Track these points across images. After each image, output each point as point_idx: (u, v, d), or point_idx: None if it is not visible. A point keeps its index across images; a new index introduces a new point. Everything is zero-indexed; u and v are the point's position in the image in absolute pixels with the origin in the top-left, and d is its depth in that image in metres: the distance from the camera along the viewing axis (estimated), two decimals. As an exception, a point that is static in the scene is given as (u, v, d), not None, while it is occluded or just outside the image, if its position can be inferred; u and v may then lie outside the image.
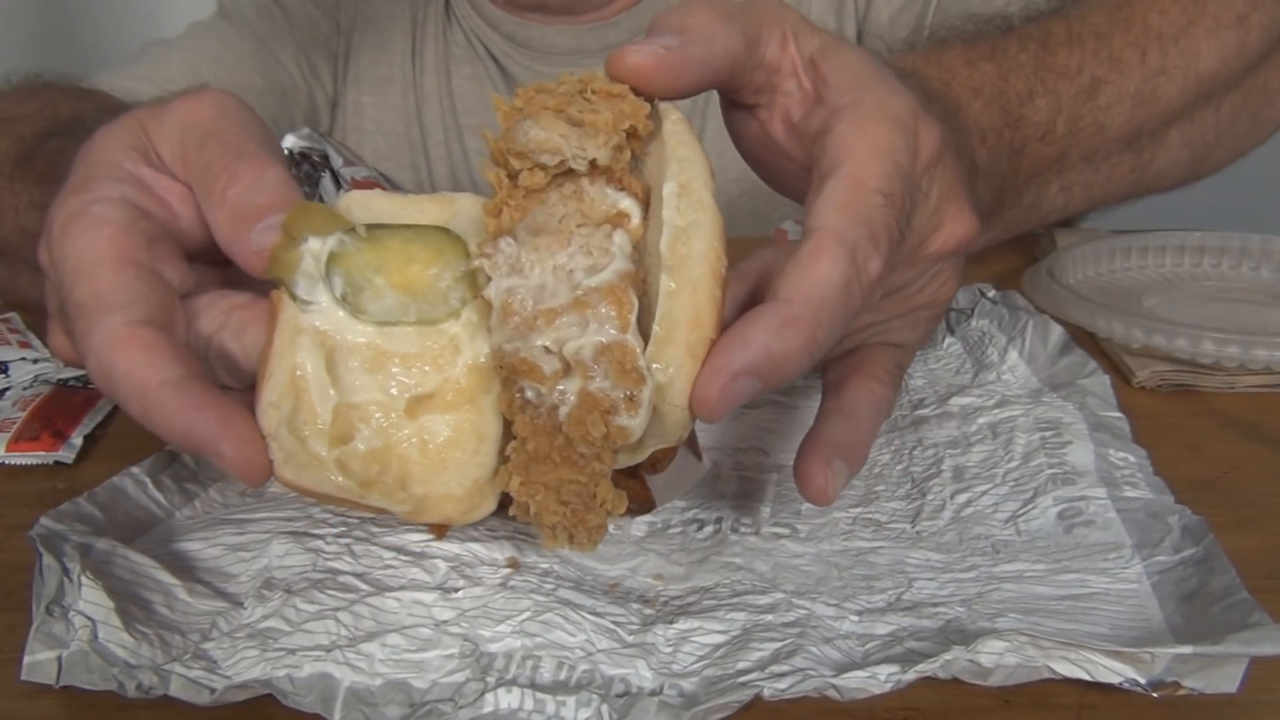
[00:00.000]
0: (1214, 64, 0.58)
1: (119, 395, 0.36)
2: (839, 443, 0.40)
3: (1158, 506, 0.45)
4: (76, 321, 0.37)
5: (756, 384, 0.34)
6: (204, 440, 0.35)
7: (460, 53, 0.92)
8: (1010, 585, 0.41)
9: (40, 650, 0.37)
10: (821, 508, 0.42)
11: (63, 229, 0.38)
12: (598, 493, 0.35)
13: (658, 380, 0.34)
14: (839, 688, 0.36)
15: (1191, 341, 0.59)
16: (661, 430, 0.35)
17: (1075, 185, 0.58)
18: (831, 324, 0.35)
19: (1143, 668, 0.36)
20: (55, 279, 0.39)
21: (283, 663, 0.38)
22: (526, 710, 0.36)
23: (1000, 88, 0.54)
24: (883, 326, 0.44)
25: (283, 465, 0.36)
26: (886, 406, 0.43)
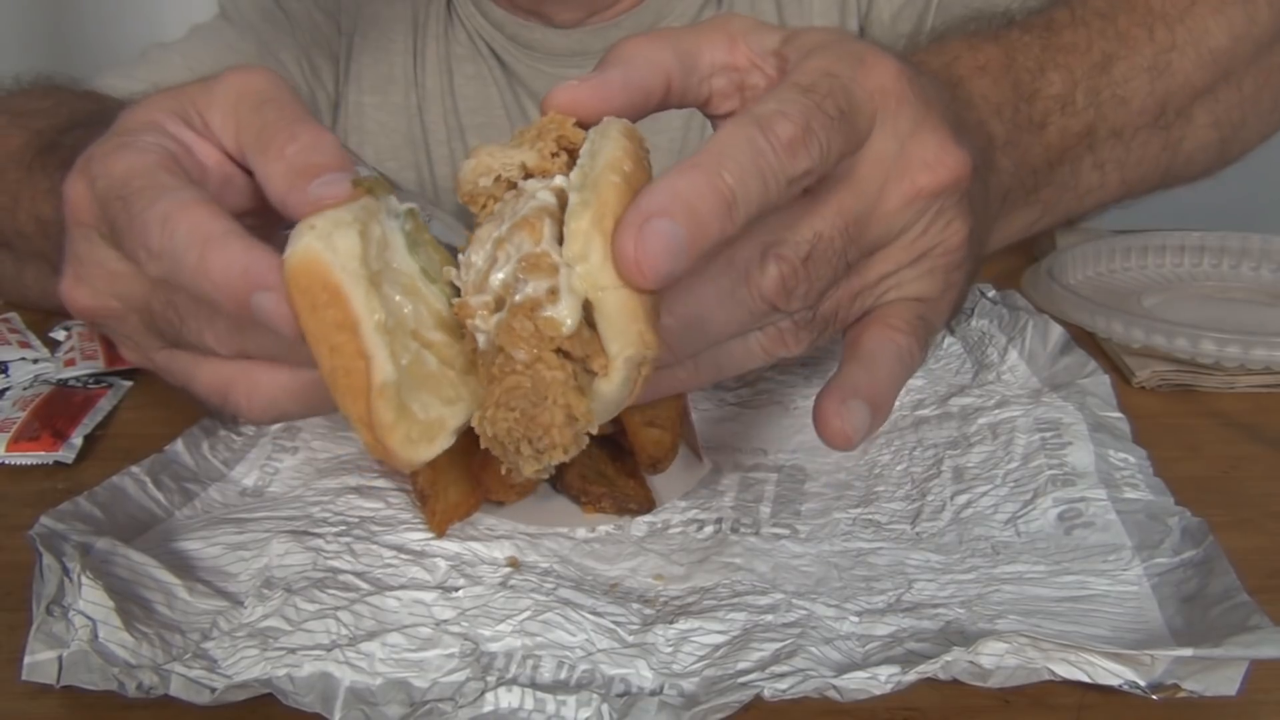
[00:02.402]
0: (1224, 40, 0.59)
1: (178, 251, 0.37)
2: (855, 385, 0.40)
3: (1158, 508, 0.45)
4: (136, 203, 0.38)
5: (677, 228, 0.33)
6: (260, 275, 0.35)
7: (463, 52, 0.92)
8: (1010, 587, 0.41)
9: (41, 650, 0.37)
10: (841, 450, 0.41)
11: (107, 154, 0.40)
12: (549, 393, 0.33)
13: (578, 269, 0.33)
14: (839, 688, 0.36)
15: (1191, 341, 0.59)
16: (614, 326, 0.34)
17: (1108, 162, 0.57)
18: (741, 173, 0.34)
19: (1142, 670, 0.36)
20: (91, 200, 0.40)
21: (283, 662, 0.38)
22: (526, 710, 0.36)
23: (1007, 65, 0.55)
24: (895, 279, 0.43)
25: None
26: (908, 355, 0.42)
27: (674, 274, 0.33)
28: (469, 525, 0.47)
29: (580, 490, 0.48)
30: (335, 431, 0.54)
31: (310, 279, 0.34)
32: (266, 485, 0.51)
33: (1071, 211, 0.58)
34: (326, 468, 0.51)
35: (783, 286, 0.38)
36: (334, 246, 0.34)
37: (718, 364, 0.41)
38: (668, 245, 0.33)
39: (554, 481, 0.49)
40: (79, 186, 0.41)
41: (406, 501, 0.48)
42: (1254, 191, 0.62)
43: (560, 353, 0.33)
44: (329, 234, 0.34)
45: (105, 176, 0.39)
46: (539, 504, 0.48)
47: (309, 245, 0.34)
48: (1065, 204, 0.56)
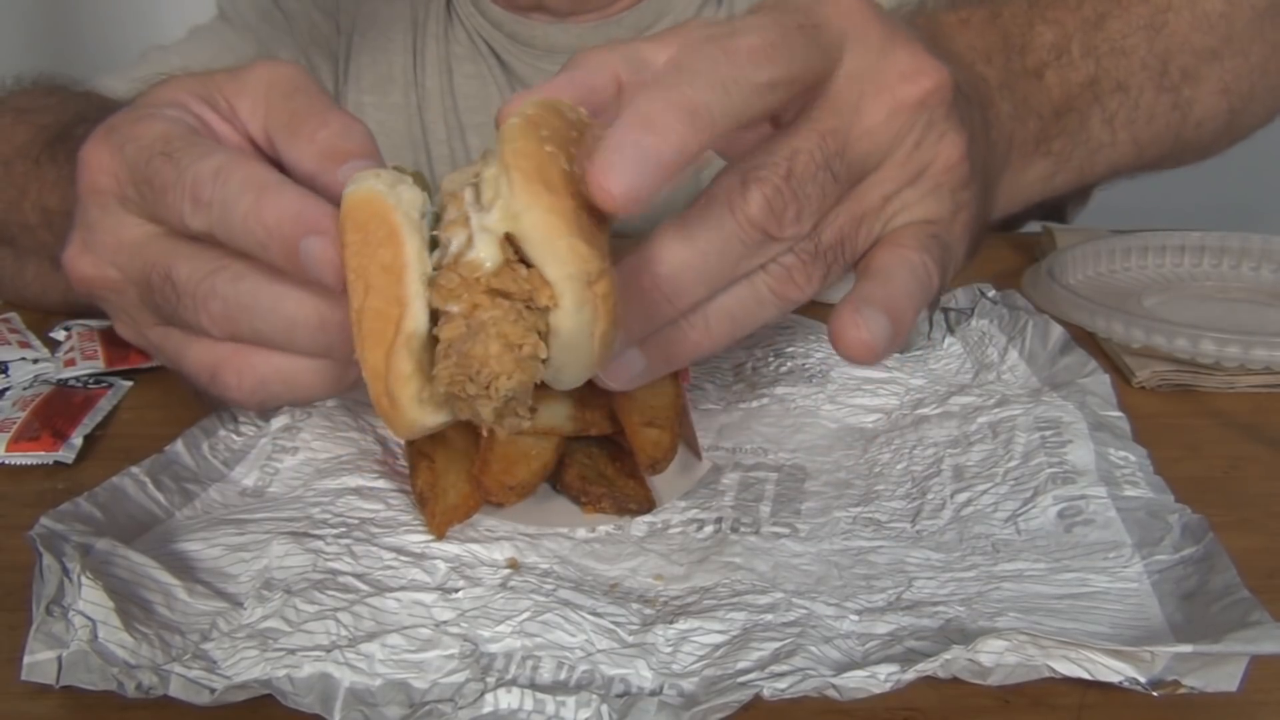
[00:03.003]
0: (1220, 4, 0.59)
1: (229, 197, 0.37)
2: (869, 296, 0.39)
3: (1158, 505, 0.45)
4: (183, 155, 0.39)
5: (642, 142, 0.33)
6: (314, 219, 0.36)
7: (462, 51, 0.92)
8: (1010, 584, 0.41)
9: (40, 650, 0.37)
10: (864, 363, 0.39)
11: (135, 121, 0.41)
12: (481, 330, 0.33)
13: (493, 210, 0.33)
14: (839, 687, 0.36)
15: (1191, 341, 0.59)
16: (540, 247, 0.33)
17: (1117, 117, 0.57)
18: (702, 82, 0.34)
19: (1143, 666, 0.36)
20: (118, 164, 0.40)
21: (283, 663, 0.38)
22: (526, 710, 0.36)
23: (992, 20, 0.55)
24: (899, 201, 0.42)
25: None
26: (922, 271, 0.40)
27: (643, 188, 0.33)
28: (469, 527, 0.47)
29: (580, 490, 0.48)
30: (335, 432, 0.54)
31: (370, 215, 0.34)
32: (267, 486, 0.51)
33: (1085, 169, 0.57)
34: (327, 468, 0.51)
35: (769, 208, 0.37)
36: (398, 194, 0.35)
37: (730, 317, 0.40)
38: (634, 160, 0.33)
39: (554, 482, 0.49)
40: (101, 152, 0.41)
41: (406, 503, 0.48)
42: (1254, 191, 0.62)
43: (496, 294, 0.33)
44: (393, 184, 0.35)
45: (135, 140, 0.40)
46: (539, 505, 0.48)
47: (373, 187, 0.35)
48: (1078, 159, 0.56)
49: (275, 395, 0.41)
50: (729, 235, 0.37)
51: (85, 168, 0.42)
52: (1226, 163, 0.72)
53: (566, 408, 0.49)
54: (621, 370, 0.40)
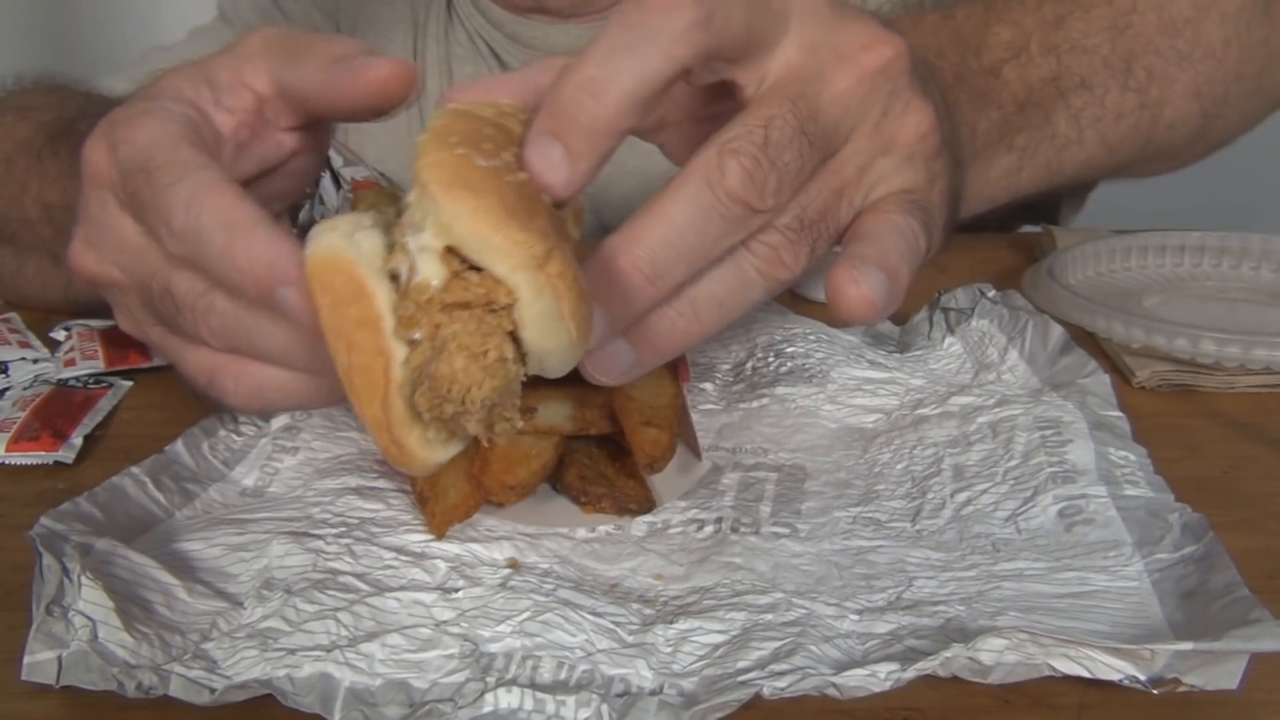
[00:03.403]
0: (1187, 9, 0.59)
1: (203, 233, 0.37)
2: (863, 255, 0.38)
3: (1158, 504, 0.45)
4: (162, 176, 0.38)
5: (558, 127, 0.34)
6: (286, 270, 0.36)
7: (463, 52, 0.92)
8: (1010, 583, 0.41)
9: (40, 650, 0.37)
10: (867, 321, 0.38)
11: (132, 118, 0.40)
12: (444, 347, 0.33)
13: (426, 230, 0.33)
14: (839, 686, 0.36)
15: (1191, 341, 0.59)
16: (479, 247, 0.33)
17: (1083, 115, 0.57)
18: (611, 53, 0.34)
19: (1143, 665, 0.36)
20: (111, 164, 0.40)
21: (283, 663, 0.38)
22: (526, 710, 0.36)
23: (945, 21, 0.56)
24: (875, 173, 0.41)
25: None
26: (909, 231, 0.40)
27: (576, 168, 0.34)
28: (469, 526, 0.47)
29: (580, 490, 0.48)
30: (335, 432, 0.54)
31: (333, 274, 0.33)
32: (267, 486, 0.51)
33: (1053, 166, 0.57)
34: (327, 468, 0.51)
35: (749, 180, 0.36)
36: (357, 245, 0.34)
37: (718, 302, 0.39)
38: (543, 153, 0.34)
39: (554, 482, 0.49)
40: (100, 149, 0.41)
41: (407, 503, 0.48)
42: (1254, 191, 0.62)
43: (454, 308, 0.33)
44: (351, 234, 0.34)
45: (128, 143, 0.40)
46: (539, 505, 0.48)
47: (332, 243, 0.34)
48: (1044, 154, 0.56)
49: (272, 402, 0.42)
50: (708, 210, 0.37)
51: (86, 163, 0.42)
52: (1226, 163, 0.72)
53: (566, 407, 0.49)
54: (611, 363, 0.39)
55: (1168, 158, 0.65)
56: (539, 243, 0.33)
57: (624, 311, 0.37)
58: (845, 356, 0.59)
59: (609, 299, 0.36)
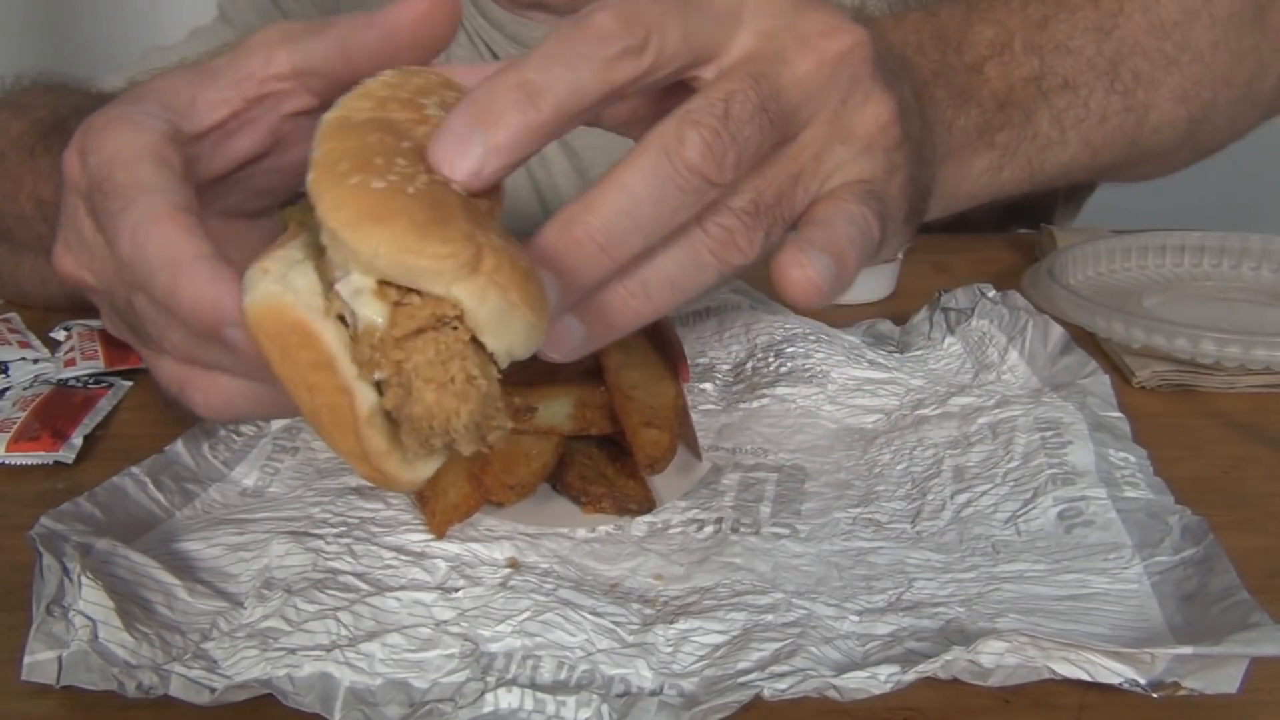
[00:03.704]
0: (1176, 13, 0.59)
1: (147, 268, 0.36)
2: (811, 239, 0.38)
3: (1158, 507, 0.45)
4: (113, 200, 0.38)
5: (470, 125, 0.33)
6: (230, 311, 0.35)
7: (462, 52, 0.92)
8: (1010, 585, 0.41)
9: (40, 650, 0.37)
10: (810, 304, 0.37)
11: (104, 126, 0.39)
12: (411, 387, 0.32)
13: (352, 274, 0.32)
14: (839, 688, 0.36)
15: (1191, 341, 0.59)
16: (402, 271, 0.32)
17: (1066, 115, 0.57)
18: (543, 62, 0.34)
19: (1143, 668, 0.36)
20: (84, 175, 0.40)
21: (283, 662, 0.38)
22: (526, 710, 0.36)
23: (927, 18, 0.55)
24: (833, 160, 0.41)
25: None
26: (862, 220, 0.39)
27: (483, 169, 0.33)
28: (469, 526, 0.47)
29: (580, 490, 0.48)
30: (335, 432, 0.54)
31: (276, 324, 0.33)
32: (267, 485, 0.51)
33: (1034, 165, 0.57)
34: (326, 468, 0.51)
35: (708, 150, 0.36)
36: (293, 287, 0.33)
37: (670, 283, 0.38)
38: (463, 144, 0.33)
39: (554, 482, 0.49)
40: (74, 156, 0.40)
41: (406, 503, 0.48)
42: (1254, 191, 0.62)
43: (408, 338, 0.32)
44: (284, 275, 0.33)
45: (95, 153, 0.39)
46: (539, 504, 0.48)
47: (267, 291, 0.33)
48: (1025, 154, 0.56)
49: (241, 413, 0.41)
50: (665, 181, 0.36)
51: (64, 168, 0.41)
52: (1226, 163, 0.72)
53: (567, 407, 0.49)
54: (561, 339, 0.37)
55: (1154, 162, 0.64)
56: (464, 248, 0.32)
57: (576, 281, 0.36)
58: (845, 357, 0.59)
59: (562, 269, 0.35)
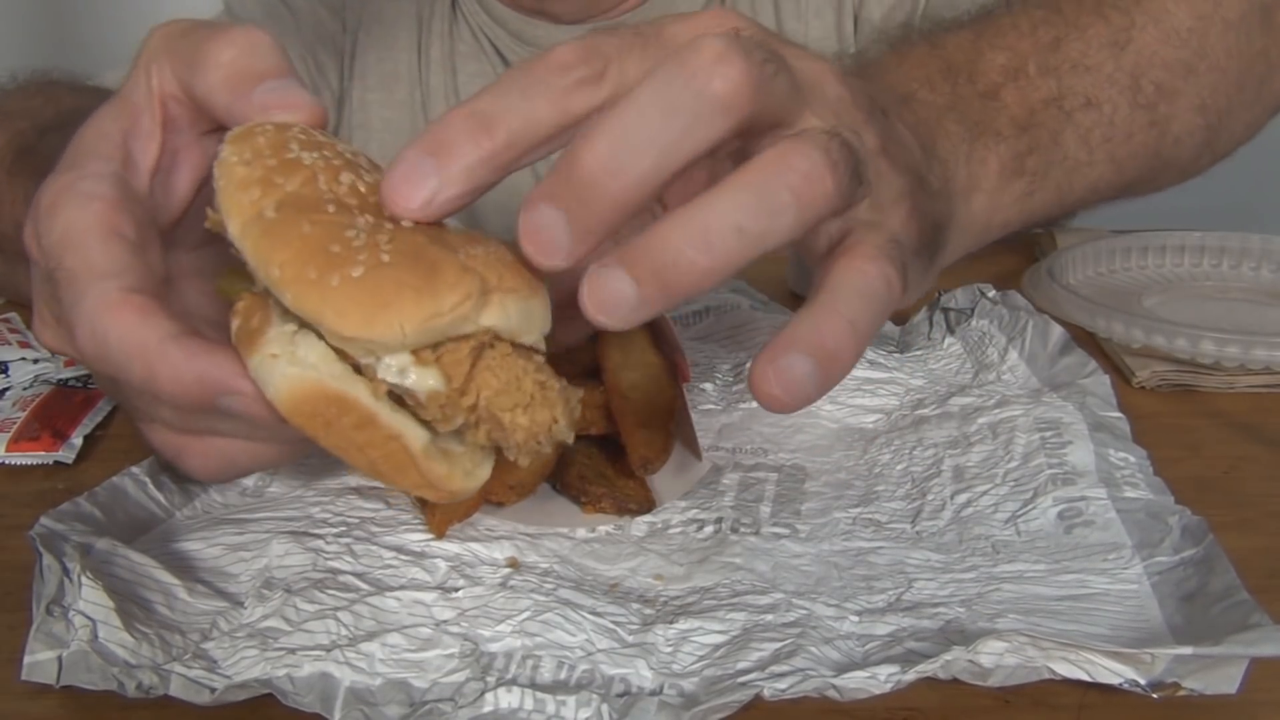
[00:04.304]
0: (1188, 20, 0.58)
1: (116, 360, 0.35)
2: (796, 336, 0.33)
3: (1158, 507, 0.45)
4: (66, 291, 0.36)
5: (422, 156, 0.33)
6: (219, 382, 0.34)
7: (466, 50, 0.92)
8: (1010, 585, 0.41)
9: (40, 650, 0.37)
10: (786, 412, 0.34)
11: (51, 204, 0.38)
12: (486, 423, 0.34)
13: (389, 359, 0.33)
14: (839, 688, 0.36)
15: (1191, 341, 0.59)
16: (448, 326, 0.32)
17: (1093, 134, 0.55)
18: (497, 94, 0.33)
19: (1142, 668, 0.36)
20: (41, 256, 0.38)
21: (283, 662, 0.38)
22: (526, 710, 0.36)
23: (933, 51, 0.54)
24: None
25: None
26: (881, 283, 0.36)
27: (433, 199, 0.33)
28: (469, 526, 0.47)
29: (580, 490, 0.48)
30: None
31: (312, 402, 0.33)
32: (266, 485, 0.51)
33: (1064, 188, 0.55)
34: (326, 468, 0.51)
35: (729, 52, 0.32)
36: (308, 363, 0.33)
37: (736, 228, 0.32)
38: (414, 170, 0.33)
39: (554, 481, 0.49)
40: (30, 237, 0.39)
41: (407, 502, 0.48)
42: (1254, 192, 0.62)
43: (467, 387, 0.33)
44: (293, 355, 0.33)
45: (46, 235, 0.38)
46: (539, 504, 0.48)
47: (289, 375, 0.33)
48: (1055, 177, 0.54)
49: (243, 469, 0.41)
50: (679, 93, 0.32)
51: (25, 246, 0.40)
52: (1226, 163, 0.72)
53: (566, 407, 0.49)
54: (611, 300, 0.32)
55: (1174, 172, 0.63)
56: (468, 281, 0.32)
57: (585, 212, 0.32)
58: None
59: (569, 199, 0.32)
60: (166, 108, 0.40)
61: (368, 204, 0.34)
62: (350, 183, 0.34)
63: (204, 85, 0.38)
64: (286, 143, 0.35)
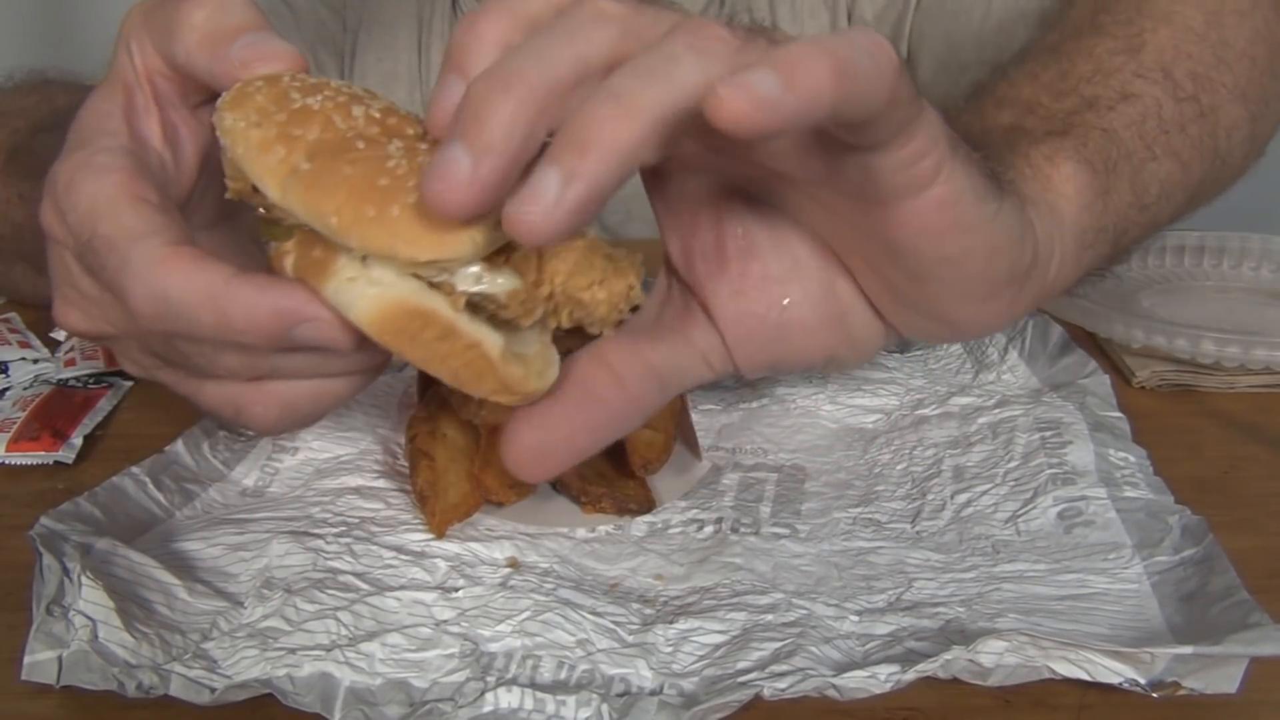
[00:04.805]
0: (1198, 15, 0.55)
1: (180, 312, 0.35)
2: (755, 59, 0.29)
3: (1158, 507, 0.45)
4: (108, 257, 0.36)
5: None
6: (295, 311, 0.34)
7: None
8: (1010, 585, 0.41)
9: (40, 650, 0.37)
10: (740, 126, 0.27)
11: (69, 181, 0.38)
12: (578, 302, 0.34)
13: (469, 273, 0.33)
14: (839, 687, 0.36)
15: (1191, 341, 0.59)
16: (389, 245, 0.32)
17: (1145, 126, 0.51)
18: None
19: (1142, 668, 0.36)
20: (68, 233, 0.38)
21: (283, 662, 0.38)
22: (526, 710, 0.36)
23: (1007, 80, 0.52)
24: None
25: None
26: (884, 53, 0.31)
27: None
28: (469, 526, 0.47)
29: (580, 490, 0.48)
30: (335, 432, 0.54)
31: (395, 319, 0.33)
32: (267, 486, 0.51)
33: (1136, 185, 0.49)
34: (326, 468, 0.52)
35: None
36: (386, 282, 0.33)
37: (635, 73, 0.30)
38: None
39: (554, 482, 0.49)
40: (50, 214, 0.38)
41: (406, 502, 0.48)
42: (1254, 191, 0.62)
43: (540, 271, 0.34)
44: (368, 277, 0.33)
45: (72, 210, 0.37)
46: (539, 504, 0.48)
47: (369, 295, 0.33)
48: (1124, 172, 0.49)
49: (305, 415, 0.40)
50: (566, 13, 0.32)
51: (43, 224, 0.39)
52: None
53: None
54: (534, 191, 0.29)
55: (1230, 170, 0.59)
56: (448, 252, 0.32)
57: (479, 131, 0.30)
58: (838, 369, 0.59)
59: (466, 124, 0.30)
60: (154, 84, 0.40)
61: (389, 129, 0.34)
62: (364, 114, 0.35)
63: (183, 52, 0.38)
64: (286, 93, 0.35)
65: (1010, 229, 0.38)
